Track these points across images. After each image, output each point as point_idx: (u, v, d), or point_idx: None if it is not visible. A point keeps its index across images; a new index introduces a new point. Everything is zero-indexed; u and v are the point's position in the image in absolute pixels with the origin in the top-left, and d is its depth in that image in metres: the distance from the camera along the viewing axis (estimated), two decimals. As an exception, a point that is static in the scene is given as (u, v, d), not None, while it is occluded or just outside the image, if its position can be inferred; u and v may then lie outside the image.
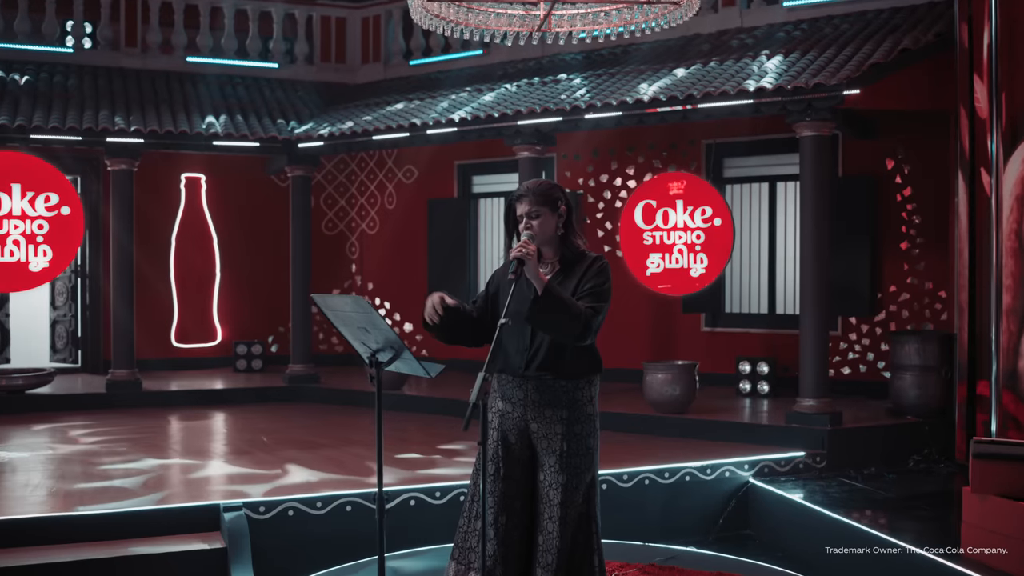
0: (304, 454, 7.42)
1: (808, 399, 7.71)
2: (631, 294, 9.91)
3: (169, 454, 7.52)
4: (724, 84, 8.06)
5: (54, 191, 9.73)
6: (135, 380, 10.07)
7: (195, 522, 5.72)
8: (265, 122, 10.82)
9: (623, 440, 7.97)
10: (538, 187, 3.87)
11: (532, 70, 10.66)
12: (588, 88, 9.24)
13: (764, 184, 10.13)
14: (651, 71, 9.23)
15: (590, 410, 3.90)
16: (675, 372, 8.29)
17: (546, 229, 3.85)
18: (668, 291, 9.01)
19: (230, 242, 12.11)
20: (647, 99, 8.27)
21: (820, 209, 7.76)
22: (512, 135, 9.07)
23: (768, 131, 9.60)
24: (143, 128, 9.90)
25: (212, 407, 9.97)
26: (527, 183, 3.92)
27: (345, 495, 6.07)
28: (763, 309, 10.12)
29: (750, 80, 8.01)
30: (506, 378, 3.90)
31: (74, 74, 11.12)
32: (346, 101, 11.70)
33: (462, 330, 3.90)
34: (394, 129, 9.75)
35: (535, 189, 3.86)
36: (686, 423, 8.19)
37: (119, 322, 10.03)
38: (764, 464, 7.21)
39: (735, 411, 8.61)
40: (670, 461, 7.03)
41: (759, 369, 9.40)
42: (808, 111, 7.63)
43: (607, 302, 3.84)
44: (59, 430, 8.68)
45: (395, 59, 12.31)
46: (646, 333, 10.57)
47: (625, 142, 10.60)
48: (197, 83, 11.50)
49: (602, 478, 6.61)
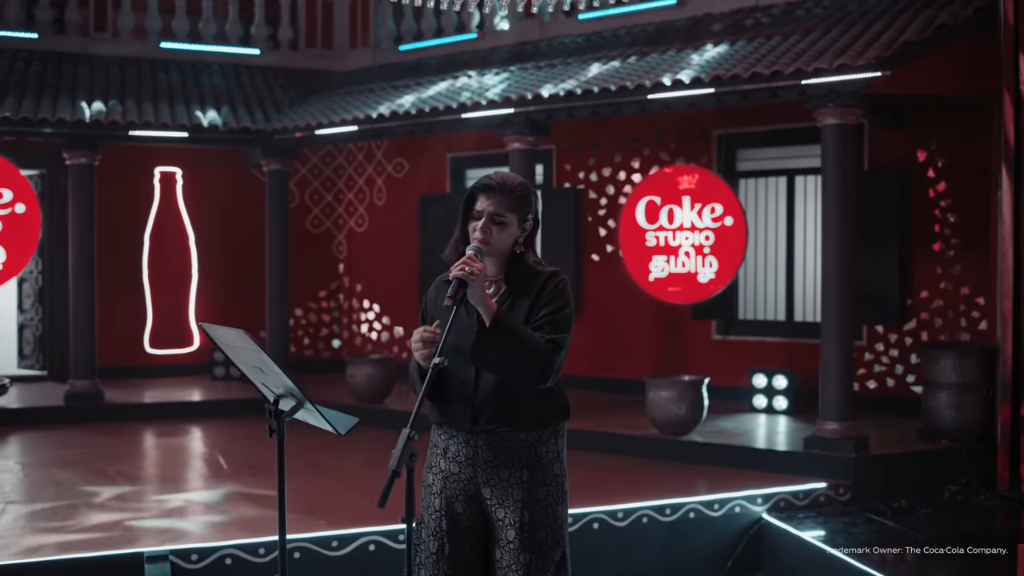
0: (263, 483, 6.61)
1: (830, 422, 6.84)
2: (634, 298, 9.06)
3: (113, 481, 6.71)
4: (735, 67, 7.18)
5: (7, 187, 8.95)
6: (96, 391, 9.29)
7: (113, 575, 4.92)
8: (240, 112, 10.01)
9: (620, 467, 7.13)
10: (515, 186, 3.01)
11: (529, 54, 9.81)
12: (584, 71, 8.37)
13: (782, 178, 9.24)
14: (657, 53, 8.35)
15: (557, 469, 3.07)
16: (681, 389, 7.43)
17: (504, 241, 3.02)
18: (674, 298, 8.15)
19: (208, 241, 11.31)
20: (649, 84, 7.40)
21: (844, 206, 6.89)
22: (501, 125, 8.22)
23: (786, 120, 8.70)
24: (103, 119, 9.10)
25: (180, 421, 9.18)
26: (499, 175, 3.05)
27: (296, 540, 5.25)
28: (780, 316, 9.23)
29: (764, 62, 7.12)
30: (449, 432, 3.07)
31: (37, 61, 10.33)
32: (330, 89, 10.87)
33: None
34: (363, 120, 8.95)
35: (510, 187, 3.00)
36: (692, 447, 7.33)
37: (78, 328, 9.25)
38: (780, 497, 6.35)
39: (748, 433, 7.75)
40: (672, 494, 6.18)
41: (775, 383, 8.52)
42: (831, 96, 6.74)
43: (569, 331, 3.00)
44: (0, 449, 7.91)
45: (384, 44, 11.47)
46: (651, 341, 9.71)
47: (629, 133, 9.73)
48: (171, 71, 10.69)
49: (594, 516, 5.83)
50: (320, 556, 5.23)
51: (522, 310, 3.01)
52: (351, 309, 11.98)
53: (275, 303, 9.93)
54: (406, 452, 2.73)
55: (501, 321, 2.86)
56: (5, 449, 8.01)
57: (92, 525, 5.59)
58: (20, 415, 9.07)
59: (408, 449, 2.73)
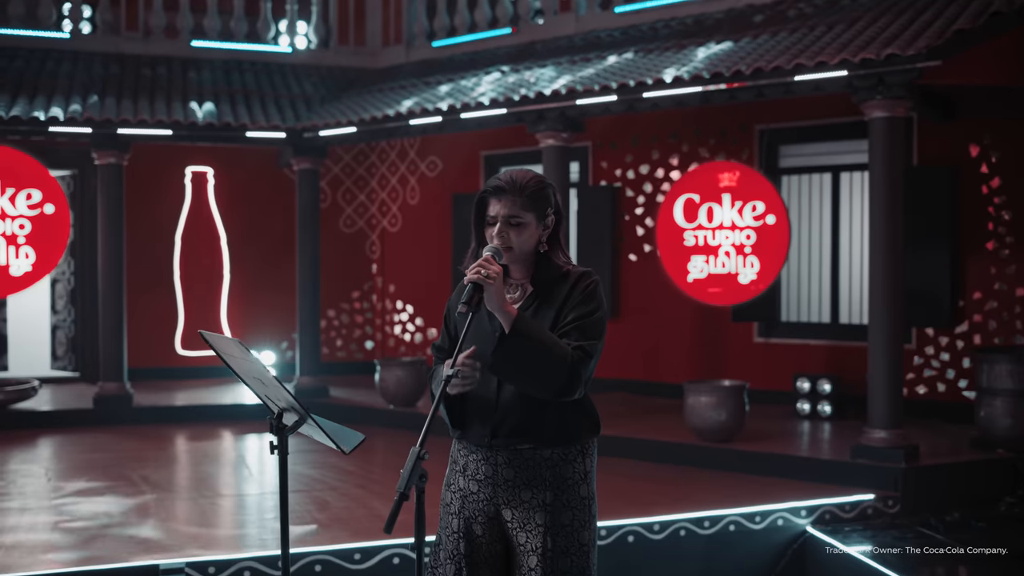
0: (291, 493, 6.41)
1: (878, 430, 6.51)
2: (673, 300, 8.78)
3: (135, 487, 6.56)
4: (777, 59, 6.87)
5: (37, 187, 8.88)
6: (125, 394, 9.17)
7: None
8: (271, 110, 9.85)
9: (657, 475, 6.86)
10: (527, 183, 2.76)
11: (564, 48, 9.55)
12: (623, 66, 8.10)
13: (826, 175, 8.90)
14: (694, 45, 8.06)
15: (584, 491, 2.82)
16: (721, 395, 7.14)
17: (526, 243, 2.77)
18: (714, 299, 7.85)
19: (240, 241, 11.19)
20: (687, 77, 7.12)
21: (892, 203, 6.55)
22: (534, 121, 7.97)
23: (831, 113, 8.38)
24: (131, 118, 8.98)
25: (209, 425, 9.03)
26: (510, 172, 2.79)
27: (315, 552, 5.05)
28: (825, 318, 8.89)
29: (808, 53, 6.81)
30: (468, 447, 2.83)
31: (68, 60, 10.25)
32: (361, 87, 10.69)
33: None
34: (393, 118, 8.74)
35: (521, 185, 2.75)
36: (733, 455, 7.03)
37: (107, 330, 9.14)
38: (825, 510, 6.04)
39: (791, 440, 7.44)
40: (712, 506, 5.90)
41: (820, 387, 8.18)
42: (879, 88, 6.42)
43: (601, 338, 2.75)
44: (27, 453, 7.80)
45: (418, 41, 11.27)
46: (690, 343, 9.42)
47: (668, 129, 9.44)
48: (202, 69, 10.57)
49: (629, 528, 5.57)
50: (342, 569, 5.03)
51: (549, 315, 2.77)
52: (384, 310, 11.81)
53: (306, 304, 9.76)
54: (415, 473, 2.51)
55: (521, 328, 2.63)
56: (32, 453, 7.91)
57: (109, 535, 5.42)
58: (50, 417, 8.98)
59: (418, 469, 2.52)
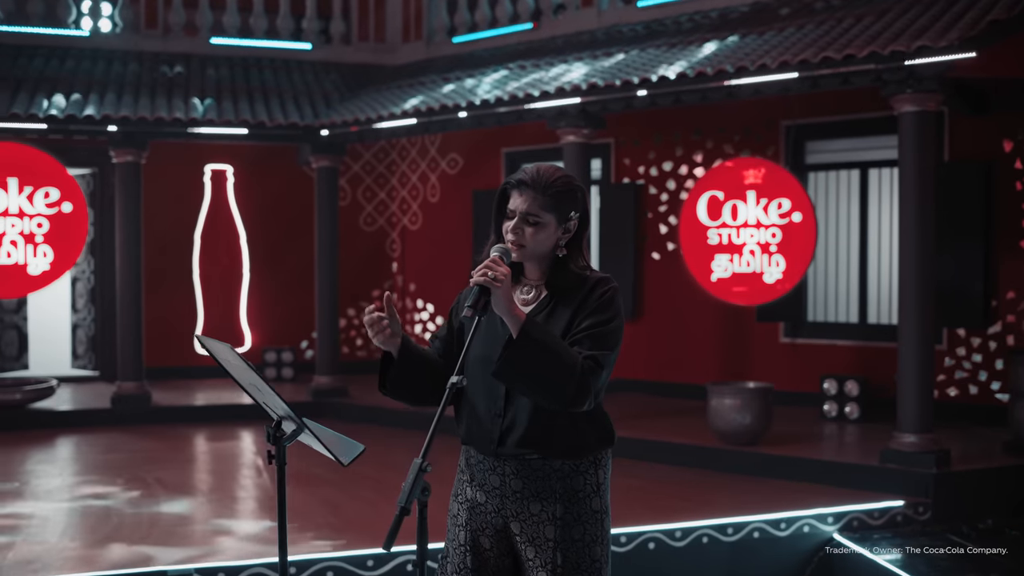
0: (298, 494, 6.30)
1: (908, 434, 6.32)
2: (697, 299, 8.60)
3: (149, 489, 6.48)
4: (803, 52, 6.68)
5: (54, 186, 8.81)
6: (143, 393, 9.11)
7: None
8: (289, 108, 9.76)
9: (679, 479, 6.70)
10: (552, 181, 2.59)
11: (586, 43, 9.38)
12: (644, 61, 7.93)
13: (854, 171, 8.69)
14: (717, 39, 7.88)
15: (596, 504, 2.66)
16: (745, 397, 6.96)
17: (541, 243, 2.61)
18: (739, 299, 7.67)
19: (259, 239, 11.11)
20: (711, 72, 6.94)
21: (922, 200, 6.35)
22: (554, 117, 7.82)
23: (859, 108, 8.17)
24: (149, 116, 8.91)
25: (227, 425, 8.94)
26: (538, 167, 2.62)
27: (328, 559, 4.94)
28: (853, 318, 8.68)
29: (835, 46, 6.62)
30: (475, 456, 2.69)
31: (87, 58, 10.21)
32: (381, 83, 10.58)
33: (420, 385, 2.70)
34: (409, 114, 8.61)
35: (547, 182, 2.58)
36: (757, 459, 6.85)
37: (125, 329, 9.09)
38: (853, 516, 5.86)
39: (818, 444, 7.25)
40: (735, 512, 5.74)
41: (847, 389, 7.98)
42: (909, 81, 6.22)
43: (616, 348, 2.59)
44: (43, 453, 7.74)
45: (438, 36, 11.14)
46: (714, 343, 9.23)
47: (691, 125, 9.26)
48: (220, 67, 10.50)
49: (649, 535, 5.41)
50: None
51: (561, 321, 2.61)
52: (405, 309, 11.69)
53: (325, 303, 9.67)
54: (417, 486, 2.37)
55: (530, 333, 2.47)
56: (49, 453, 7.86)
57: (118, 538, 5.33)
58: (68, 417, 8.94)
59: (420, 482, 2.38)
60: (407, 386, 2.68)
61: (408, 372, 2.64)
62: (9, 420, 8.72)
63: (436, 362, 2.71)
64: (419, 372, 2.66)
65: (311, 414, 9.01)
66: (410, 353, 2.64)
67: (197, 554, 5.03)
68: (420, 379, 2.66)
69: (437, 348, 2.76)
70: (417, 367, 2.65)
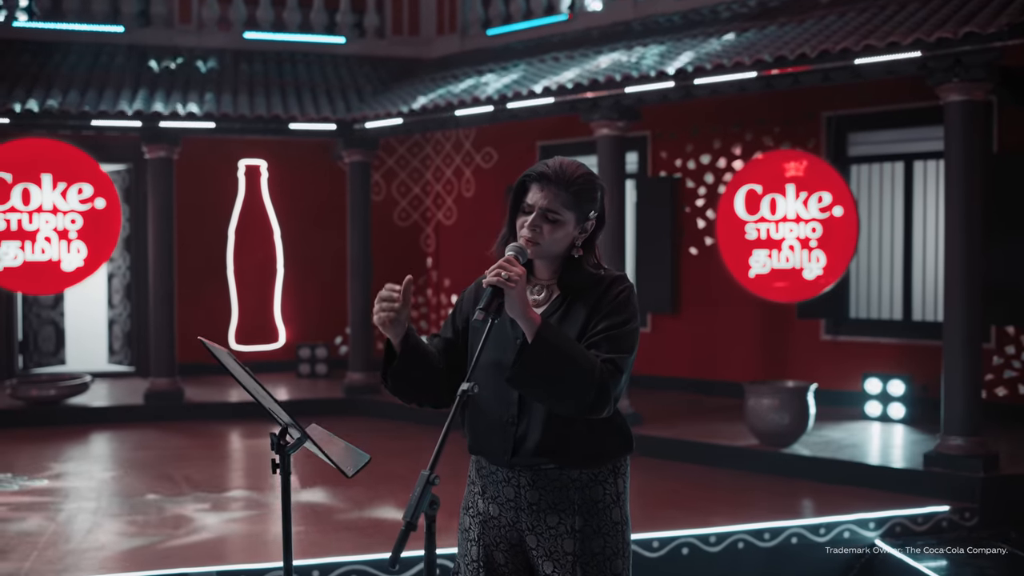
0: (326, 493, 6.22)
1: (954, 436, 6.08)
2: (735, 295, 8.40)
3: (176, 488, 6.42)
4: (845, 40, 6.46)
5: (87, 182, 8.81)
6: (176, 390, 9.10)
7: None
8: (321, 102, 9.68)
9: (714, 482, 6.52)
10: (576, 177, 2.44)
11: (621, 34, 9.20)
12: (680, 51, 7.73)
13: (898, 163, 8.43)
14: (755, 28, 7.66)
15: (616, 515, 2.51)
16: (784, 397, 6.75)
17: (558, 242, 2.46)
18: (778, 295, 7.46)
19: (293, 234, 11.06)
20: (749, 60, 6.73)
21: (970, 193, 6.11)
22: (587, 109, 7.65)
23: (904, 98, 7.91)
24: (180, 111, 8.87)
25: (263, 422, 8.81)
26: (560, 161, 2.47)
27: (351, 562, 4.83)
28: (897, 315, 8.42)
29: (878, 34, 6.38)
30: (488, 467, 2.56)
31: (122, 54, 10.21)
32: (414, 77, 10.47)
33: (422, 381, 2.55)
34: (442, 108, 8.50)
35: (570, 178, 2.43)
36: (796, 461, 6.65)
37: (158, 325, 9.07)
38: (896, 522, 5.65)
39: (859, 446, 7.01)
40: (773, 516, 5.55)
41: (891, 389, 7.74)
42: (956, 69, 5.97)
43: (633, 351, 2.43)
44: (75, 450, 7.73)
45: (473, 29, 11.00)
46: (753, 341, 9.02)
47: (730, 118, 9.04)
48: (254, 61, 10.45)
49: (683, 540, 5.25)
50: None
51: (576, 323, 2.46)
52: (439, 304, 11.59)
53: (358, 298, 9.58)
54: (424, 500, 2.23)
55: (546, 336, 2.33)
56: (80, 450, 7.85)
57: (138, 538, 5.27)
58: (102, 413, 8.94)
59: (427, 496, 2.24)
60: (409, 380, 2.53)
61: (411, 365, 2.50)
62: (44, 416, 8.74)
63: (438, 359, 2.56)
64: (422, 367, 2.51)
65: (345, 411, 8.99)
66: (414, 345, 2.50)
67: (219, 555, 4.95)
68: (422, 374, 2.52)
69: (438, 346, 2.63)
70: (421, 361, 2.51)
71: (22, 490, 6.34)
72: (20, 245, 8.64)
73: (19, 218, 8.63)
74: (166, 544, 5.17)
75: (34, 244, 8.72)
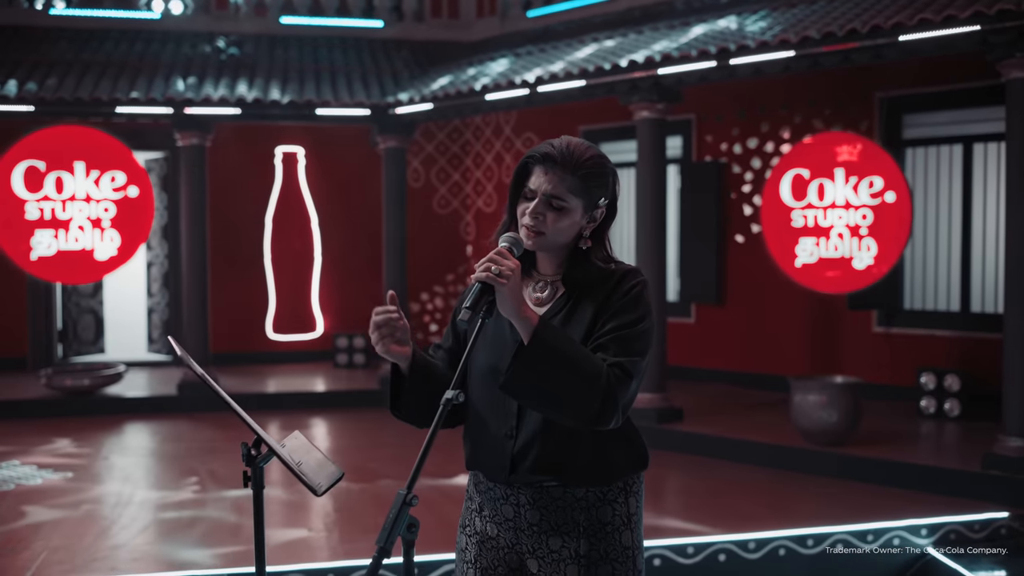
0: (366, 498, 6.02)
1: (1014, 437, 5.70)
2: (783, 285, 8.04)
3: (198, 483, 6.27)
4: (897, 14, 6.07)
5: (120, 169, 8.71)
6: (210, 381, 8.96)
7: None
8: (356, 87, 9.47)
9: (755, 482, 6.21)
10: (584, 160, 2.16)
11: (665, 13, 8.85)
12: (723, 29, 7.39)
13: (957, 146, 7.98)
14: (805, 4, 7.28)
15: (627, 539, 2.25)
16: (832, 393, 6.41)
17: (562, 232, 2.19)
18: (827, 286, 7.10)
19: (331, 222, 10.90)
20: (795, 38, 6.38)
21: (1034, 178, 5.71)
22: (626, 92, 7.34)
23: (963, 77, 7.48)
24: (212, 97, 8.72)
25: (299, 413, 8.72)
26: (567, 141, 2.19)
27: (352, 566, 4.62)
28: (954, 306, 8.00)
29: (934, 7, 5.99)
30: (485, 482, 2.30)
31: (158, 40, 10.10)
32: (451, 60, 10.22)
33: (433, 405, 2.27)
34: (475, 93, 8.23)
35: (577, 160, 2.16)
36: (844, 461, 6.31)
37: (191, 314, 8.96)
38: (950, 528, 5.29)
39: (912, 445, 6.65)
40: (817, 521, 5.24)
41: (947, 384, 7.34)
42: (1019, 44, 5.57)
43: (645, 354, 2.16)
44: (106, 443, 7.64)
45: (513, 11, 10.71)
46: (800, 333, 8.65)
47: (778, 99, 8.66)
48: (290, 47, 10.28)
49: (720, 546, 4.96)
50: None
51: (582, 323, 2.19)
52: (479, 294, 11.34)
53: (393, 287, 9.36)
54: (400, 522, 2.00)
55: (544, 337, 2.06)
56: (109, 442, 7.74)
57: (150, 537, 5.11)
58: (136, 404, 8.85)
59: (404, 517, 2.01)
60: (418, 406, 2.30)
61: (421, 389, 2.26)
62: (79, 406, 8.68)
63: (447, 375, 2.31)
64: (432, 389, 2.26)
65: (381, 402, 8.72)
66: (423, 366, 2.26)
67: (228, 559, 4.77)
68: (431, 393, 2.25)
69: (441, 359, 2.38)
70: (432, 382, 2.27)
71: (45, 483, 6.24)
72: (54, 234, 8.57)
73: (53, 207, 8.56)
74: (178, 542, 5.01)
75: (67, 233, 8.64)
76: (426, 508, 5.62)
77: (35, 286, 10.10)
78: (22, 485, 6.17)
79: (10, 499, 5.84)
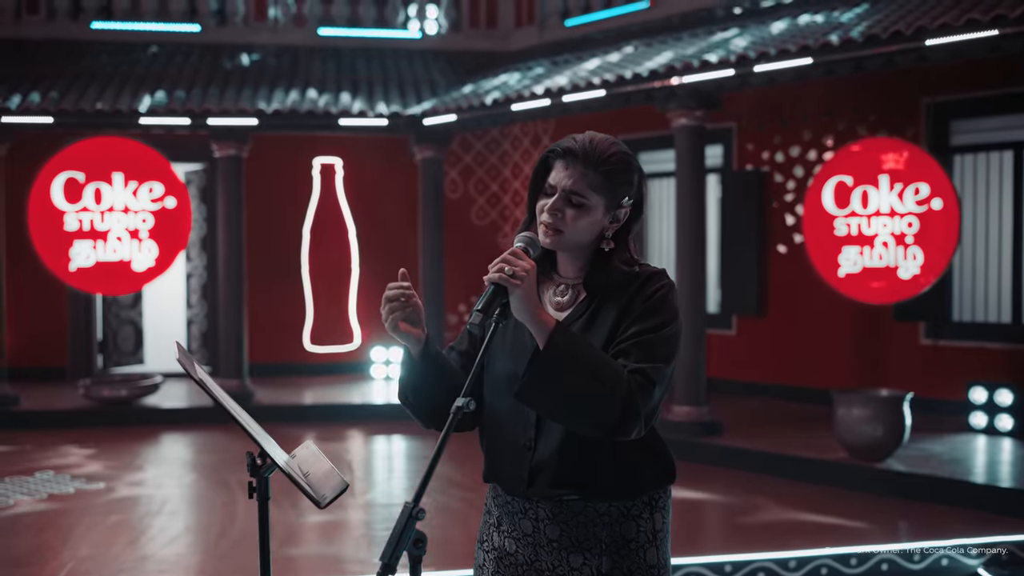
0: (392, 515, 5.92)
1: (1069, 453, 5.47)
2: (827, 296, 7.85)
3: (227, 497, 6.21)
4: (944, 15, 5.88)
5: (158, 180, 8.74)
6: (246, 391, 8.97)
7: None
8: (392, 96, 9.44)
9: (797, 498, 6.01)
10: (608, 156, 2.06)
11: (704, 20, 8.72)
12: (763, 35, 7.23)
13: (1007, 153, 7.74)
14: (844, 8, 7.11)
15: (652, 556, 2.12)
16: (877, 407, 6.21)
17: (582, 232, 2.07)
18: (871, 296, 6.90)
19: (369, 233, 10.86)
20: (836, 41, 6.21)
21: (1089, 184, 5.49)
22: (664, 99, 7.21)
23: (1013, 81, 7.25)
24: (249, 108, 8.73)
25: (337, 425, 8.65)
26: (590, 136, 2.09)
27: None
28: (1005, 318, 7.74)
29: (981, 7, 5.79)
30: (503, 495, 2.19)
31: (196, 53, 10.15)
32: (487, 71, 10.15)
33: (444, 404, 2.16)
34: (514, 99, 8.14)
35: (600, 156, 2.05)
36: (890, 477, 6.09)
37: (228, 326, 8.95)
38: (1001, 548, 5.07)
39: (962, 461, 6.41)
40: (861, 539, 5.05)
41: (998, 398, 7.09)
42: (1072, 44, 5.37)
43: (671, 360, 2.02)
44: (141, 453, 7.63)
45: (551, 20, 10.62)
46: (845, 345, 8.43)
47: (821, 106, 8.47)
48: (328, 58, 10.28)
49: (759, 564, 4.78)
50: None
51: (604, 328, 2.06)
52: (517, 305, 11.24)
53: (429, 298, 9.32)
54: (406, 537, 1.88)
55: (560, 343, 1.95)
56: (145, 453, 7.74)
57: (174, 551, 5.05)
58: (172, 415, 8.86)
59: (410, 532, 1.89)
60: (428, 400, 2.17)
61: (431, 383, 2.15)
62: (117, 416, 8.71)
63: (459, 375, 2.19)
64: (444, 383, 2.15)
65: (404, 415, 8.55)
66: (435, 355, 2.15)
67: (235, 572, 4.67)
68: (446, 395, 2.13)
69: (454, 360, 2.26)
70: (443, 375, 2.15)
71: (77, 493, 6.22)
72: (92, 245, 8.62)
73: (91, 218, 8.62)
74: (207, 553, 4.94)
75: (106, 244, 8.68)
76: (450, 519, 5.52)
77: (75, 297, 10.17)
78: (55, 495, 6.16)
79: (42, 508, 5.83)
